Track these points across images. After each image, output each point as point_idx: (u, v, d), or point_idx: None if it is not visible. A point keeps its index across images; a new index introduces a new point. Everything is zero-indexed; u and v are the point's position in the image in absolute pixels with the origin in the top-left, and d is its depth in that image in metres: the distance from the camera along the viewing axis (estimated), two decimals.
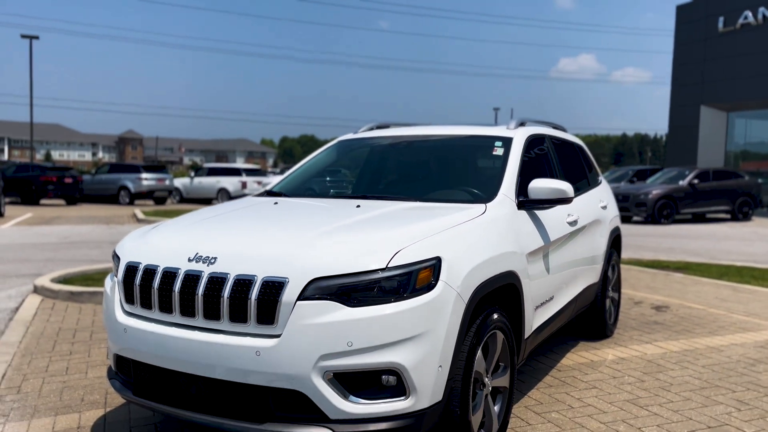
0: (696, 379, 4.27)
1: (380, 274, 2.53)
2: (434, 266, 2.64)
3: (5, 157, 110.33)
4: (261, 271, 2.56)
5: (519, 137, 4.01)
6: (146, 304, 2.80)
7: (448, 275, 2.67)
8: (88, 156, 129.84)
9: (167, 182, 26.27)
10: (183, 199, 27.36)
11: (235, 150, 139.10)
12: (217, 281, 2.61)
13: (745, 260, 10.62)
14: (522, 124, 4.33)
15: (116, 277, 3.01)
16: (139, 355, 2.80)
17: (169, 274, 2.73)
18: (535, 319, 3.61)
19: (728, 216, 20.39)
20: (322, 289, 2.50)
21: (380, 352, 2.48)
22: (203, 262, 2.68)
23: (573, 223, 4.22)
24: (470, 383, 2.79)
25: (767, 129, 26.08)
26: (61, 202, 25.43)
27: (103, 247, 11.33)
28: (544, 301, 3.76)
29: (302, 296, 2.49)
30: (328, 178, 4.43)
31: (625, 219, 20.03)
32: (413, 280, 2.58)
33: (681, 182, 19.29)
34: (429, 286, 2.61)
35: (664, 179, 20.21)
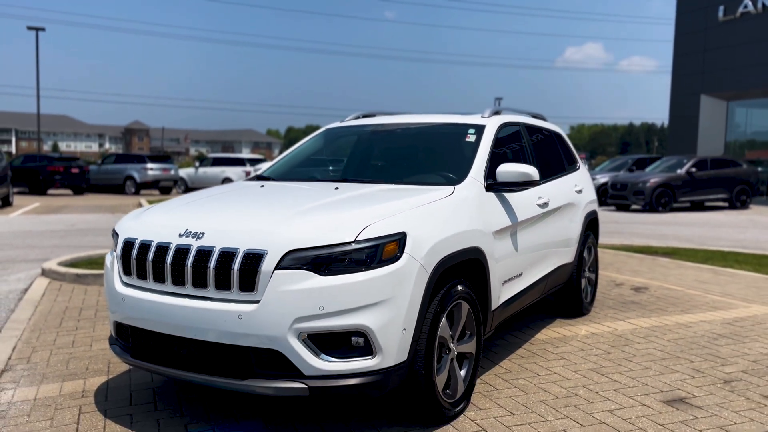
0: (659, 351, 4.56)
1: (350, 247, 2.83)
2: (399, 240, 2.94)
3: (13, 148, 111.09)
4: (243, 244, 2.87)
5: (491, 125, 4.30)
6: (142, 275, 3.12)
7: (413, 248, 2.96)
8: (95, 147, 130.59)
9: (172, 172, 26.64)
10: (188, 189, 27.71)
11: (241, 140, 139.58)
12: (204, 253, 2.92)
13: (734, 246, 10.87)
14: (497, 112, 4.61)
15: (115, 252, 3.33)
16: (136, 321, 3.12)
17: (162, 248, 3.04)
18: (502, 292, 3.90)
19: (726, 204, 20.59)
20: (297, 259, 2.81)
21: (349, 316, 2.78)
22: (192, 237, 2.99)
23: (544, 205, 4.50)
24: (434, 346, 3.09)
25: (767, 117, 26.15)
26: (68, 192, 25.87)
27: (108, 235, 11.67)
28: (513, 276, 4.05)
29: (279, 266, 2.79)
30: (313, 164, 4.73)
31: (624, 207, 20.30)
32: (380, 252, 2.87)
33: (679, 171, 19.49)
34: (394, 258, 2.90)
35: (663, 168, 20.42)
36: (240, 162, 27.26)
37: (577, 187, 5.37)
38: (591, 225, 5.72)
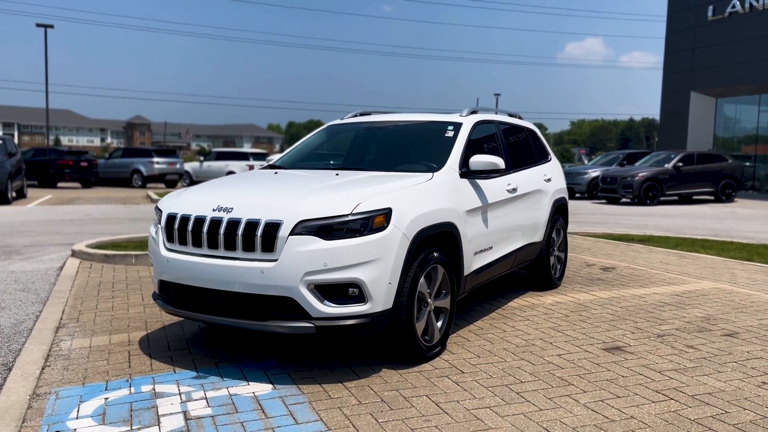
0: (610, 315, 5.38)
1: (347, 218, 3.65)
2: (386, 214, 3.76)
3: (15, 142, 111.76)
4: (264, 215, 3.69)
5: (467, 123, 5.11)
6: (182, 241, 3.94)
7: (397, 220, 3.78)
8: (97, 141, 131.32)
9: (178, 166, 27.48)
10: (193, 182, 28.53)
11: (243, 135, 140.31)
12: (233, 224, 3.74)
13: (707, 235, 11.69)
14: (474, 111, 5.43)
15: (159, 224, 4.15)
16: (178, 278, 3.94)
17: (199, 220, 3.87)
18: (474, 262, 4.72)
19: (712, 198, 21.40)
20: (306, 227, 3.63)
21: (346, 271, 3.60)
22: (223, 211, 3.81)
23: (512, 191, 5.31)
24: (414, 299, 3.91)
25: (755, 114, 26.92)
26: (77, 185, 26.70)
27: (124, 223, 12.51)
28: (483, 249, 4.87)
29: (292, 232, 3.61)
30: (317, 155, 5.57)
31: (614, 200, 21.12)
32: (370, 223, 3.69)
33: (666, 165, 20.31)
34: (382, 227, 3.72)
35: (652, 162, 21.24)
36: (243, 156, 28.10)
37: (546, 176, 6.18)
38: (560, 210, 6.53)
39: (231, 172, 26.59)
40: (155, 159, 26.87)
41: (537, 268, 6.20)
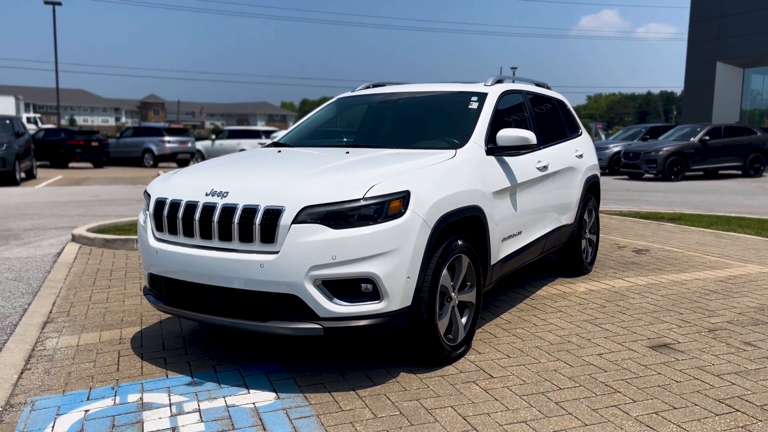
0: (651, 305, 4.86)
1: (358, 203, 3.15)
2: (404, 198, 3.25)
3: (32, 124, 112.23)
4: (263, 201, 3.20)
5: (493, 93, 4.57)
6: (173, 230, 3.47)
7: (415, 205, 3.27)
8: (111, 121, 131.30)
9: (189, 145, 27.02)
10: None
11: (256, 113, 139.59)
12: (228, 210, 3.25)
13: (741, 212, 11.06)
14: (500, 81, 4.88)
15: (148, 210, 3.68)
16: (168, 272, 3.48)
17: (191, 206, 3.38)
18: (502, 249, 4.22)
19: (740, 172, 20.61)
20: (311, 214, 3.13)
21: (358, 264, 3.11)
22: (217, 196, 3.32)
23: (543, 169, 4.78)
24: (436, 294, 3.42)
25: None
26: (89, 165, 26.40)
27: (131, 204, 12.11)
28: (512, 234, 4.36)
29: (296, 220, 3.12)
30: (326, 131, 5.04)
31: (636, 176, 20.41)
32: (386, 208, 3.19)
33: (692, 139, 19.53)
34: (399, 214, 3.22)
35: (676, 136, 20.46)
36: (256, 134, 27.58)
37: (578, 152, 5.63)
38: (592, 188, 5.99)
39: (243, 150, 26.17)
40: (166, 138, 26.42)
41: (567, 252, 5.68)
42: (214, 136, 29.61)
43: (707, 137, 19.46)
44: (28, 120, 35.92)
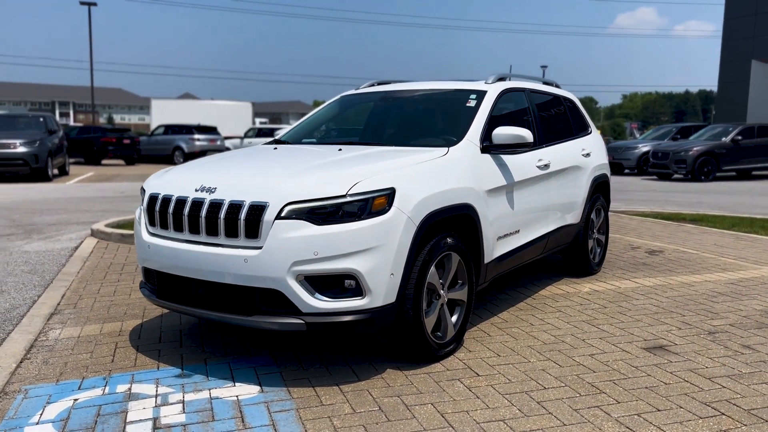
0: (654, 306, 4.78)
1: (342, 200, 3.17)
2: (389, 195, 3.26)
3: (71, 120, 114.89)
4: (249, 197, 3.24)
5: (492, 91, 4.54)
6: (164, 225, 3.54)
7: (401, 202, 3.28)
8: (147, 119, 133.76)
9: (218, 142, 27.39)
10: None
11: (289, 112, 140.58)
12: (215, 206, 3.31)
13: (767, 214, 10.79)
14: (502, 78, 4.85)
15: (142, 206, 3.76)
16: (160, 266, 3.55)
17: (181, 201, 3.45)
18: (497, 247, 4.19)
19: None
20: (295, 211, 3.17)
21: (340, 260, 3.13)
22: (206, 192, 3.38)
23: (544, 167, 4.74)
24: (422, 291, 3.42)
25: None
26: (121, 162, 26.95)
27: None
28: (508, 233, 4.33)
29: (279, 216, 3.16)
30: (326, 128, 5.08)
31: (665, 176, 20.04)
32: (369, 205, 3.21)
33: (724, 139, 19.11)
34: (383, 211, 3.23)
35: (708, 136, 20.03)
36: None
37: (584, 151, 5.56)
38: (600, 188, 5.91)
39: None
40: (196, 136, 26.85)
41: (573, 252, 5.62)
42: (243, 135, 29.94)
43: (740, 137, 19.01)
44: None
